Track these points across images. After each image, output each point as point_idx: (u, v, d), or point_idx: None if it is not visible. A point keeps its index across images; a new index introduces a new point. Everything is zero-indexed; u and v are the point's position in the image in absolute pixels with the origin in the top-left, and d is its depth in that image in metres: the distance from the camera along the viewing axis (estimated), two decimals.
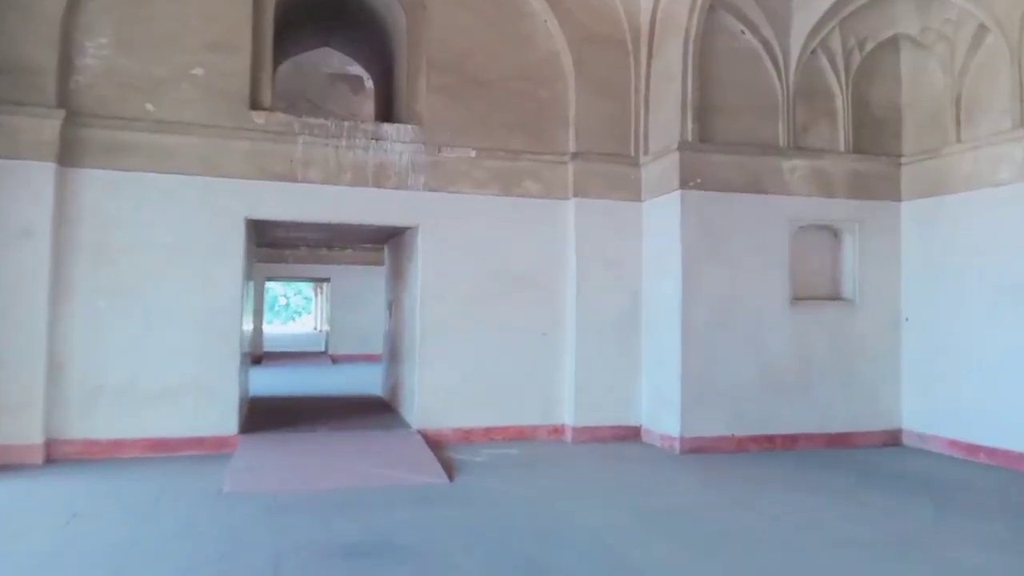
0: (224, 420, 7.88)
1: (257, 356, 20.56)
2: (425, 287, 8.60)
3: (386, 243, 11.18)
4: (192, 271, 7.84)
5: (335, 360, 21.34)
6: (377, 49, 10.24)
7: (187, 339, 7.78)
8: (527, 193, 8.95)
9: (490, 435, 8.69)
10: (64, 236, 7.45)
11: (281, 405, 10.69)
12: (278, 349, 23.98)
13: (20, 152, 7.15)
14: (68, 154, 7.44)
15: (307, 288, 48.90)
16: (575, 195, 8.94)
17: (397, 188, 8.52)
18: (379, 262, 22.30)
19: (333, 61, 13.10)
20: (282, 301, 56.37)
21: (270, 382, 14.93)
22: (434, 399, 8.57)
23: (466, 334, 8.70)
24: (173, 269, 7.78)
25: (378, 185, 8.46)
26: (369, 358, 21.51)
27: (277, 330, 42.73)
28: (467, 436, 8.60)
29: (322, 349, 24.30)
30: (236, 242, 8.01)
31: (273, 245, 21.11)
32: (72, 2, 7.45)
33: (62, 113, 7.24)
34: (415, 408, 8.55)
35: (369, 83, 12.69)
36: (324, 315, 28.04)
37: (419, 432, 8.41)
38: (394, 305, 10.53)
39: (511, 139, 8.91)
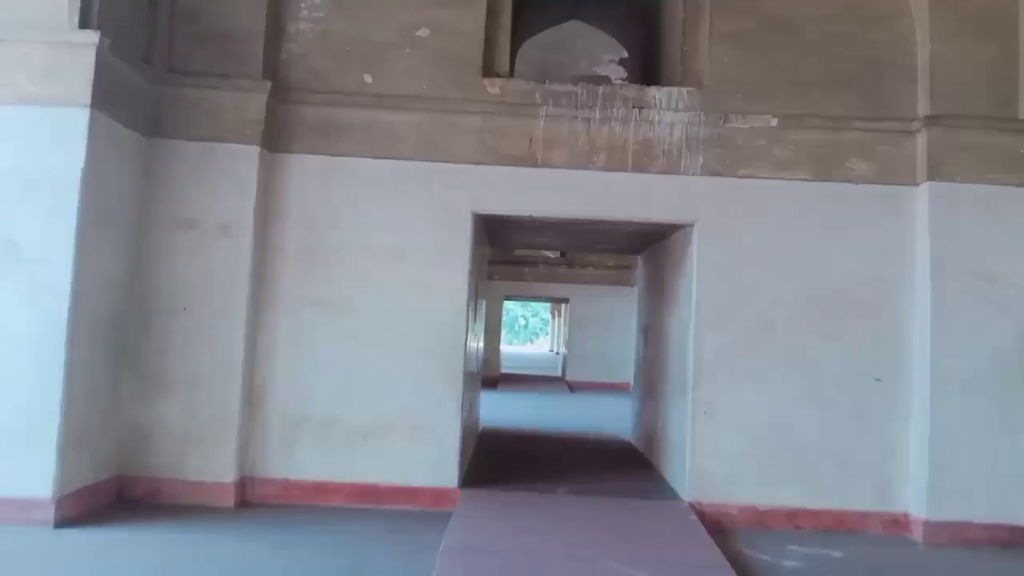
0: (441, 468, 6.17)
1: (493, 378, 19.48)
2: (702, 309, 6.27)
3: (641, 252, 9.01)
4: (409, 279, 6.27)
5: (572, 388, 19.59)
6: (637, 8, 8.18)
7: (400, 364, 6.21)
8: (853, 176, 6.28)
9: (796, 521, 6.07)
10: (268, 234, 6.25)
11: (514, 443, 8.92)
12: (515, 371, 22.84)
13: (222, 133, 6.05)
14: (275, 136, 6.25)
15: (544, 309, 48.58)
16: (929, 178, 6.09)
17: (666, 172, 6.33)
18: (623, 282, 20.40)
19: (580, 64, 11.35)
20: (521, 322, 56.89)
21: (504, 411, 13.40)
22: (714, 464, 6.17)
23: (760, 375, 6.21)
24: (387, 277, 6.28)
25: (640, 168, 6.34)
26: (609, 387, 19.57)
27: (515, 350, 42.71)
28: (762, 520, 6.07)
29: (559, 374, 22.77)
30: (461, 243, 6.32)
31: (509, 261, 20.18)
32: None
33: (268, 86, 6.04)
34: (686, 473, 6.21)
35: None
36: (562, 337, 26.61)
37: (692, 507, 6.05)
38: (651, 331, 8.30)
39: (829, 101, 6.32)
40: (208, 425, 5.94)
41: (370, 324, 6.23)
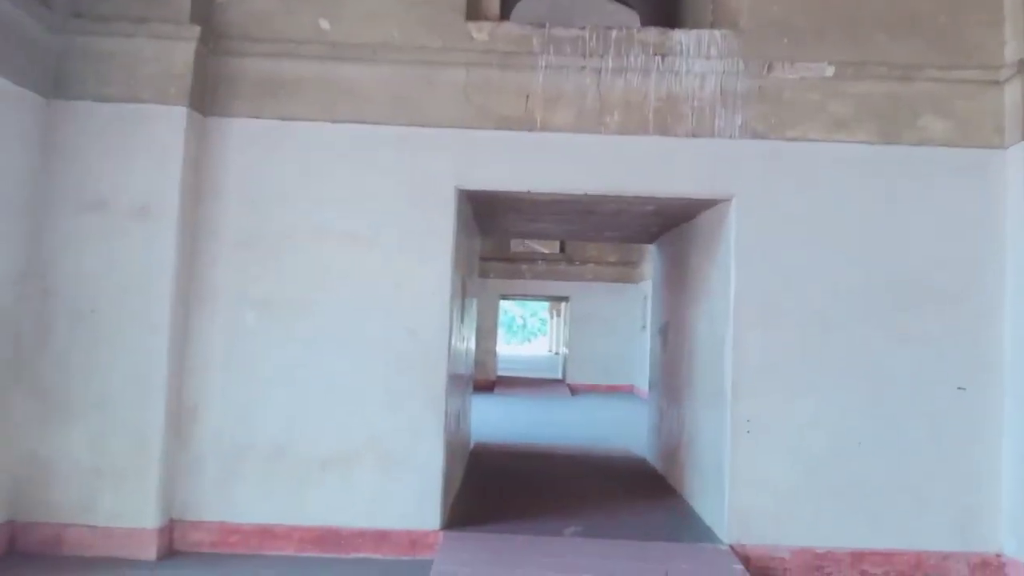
0: (420, 506, 4.95)
1: (489, 382, 18.30)
2: (742, 303, 5.05)
3: (657, 238, 7.78)
4: (378, 272, 5.05)
5: (574, 391, 18.38)
6: None
7: (369, 376, 4.99)
8: (926, 138, 5.07)
9: (862, 565, 4.86)
10: (199, 218, 5.03)
11: (511, 462, 7.67)
12: (512, 374, 21.62)
13: (139, 92, 4.82)
14: (207, 96, 5.03)
15: (543, 309, 47.42)
16: (1023, 138, 4.89)
17: (696, 135, 5.11)
18: (626, 279, 19.22)
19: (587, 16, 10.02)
20: (519, 322, 55.78)
21: (500, 419, 12.23)
22: (760, 496, 4.95)
23: (814, 385, 5.00)
24: (351, 269, 5.06)
25: (664, 131, 5.11)
26: (612, 390, 18.46)
27: (512, 351, 41.52)
28: (820, 565, 4.86)
29: (559, 376, 21.56)
30: (443, 226, 5.09)
31: (505, 259, 18.94)
32: None
33: (197, 32, 4.80)
34: (725, 507, 4.98)
35: None
36: (561, 338, 25.40)
37: (734, 551, 4.83)
38: (671, 331, 7.08)
39: (896, 46, 5.10)
40: (124, 456, 4.71)
41: (330, 328, 5.01)
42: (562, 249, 19.58)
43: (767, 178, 5.09)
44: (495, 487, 6.41)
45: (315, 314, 5.01)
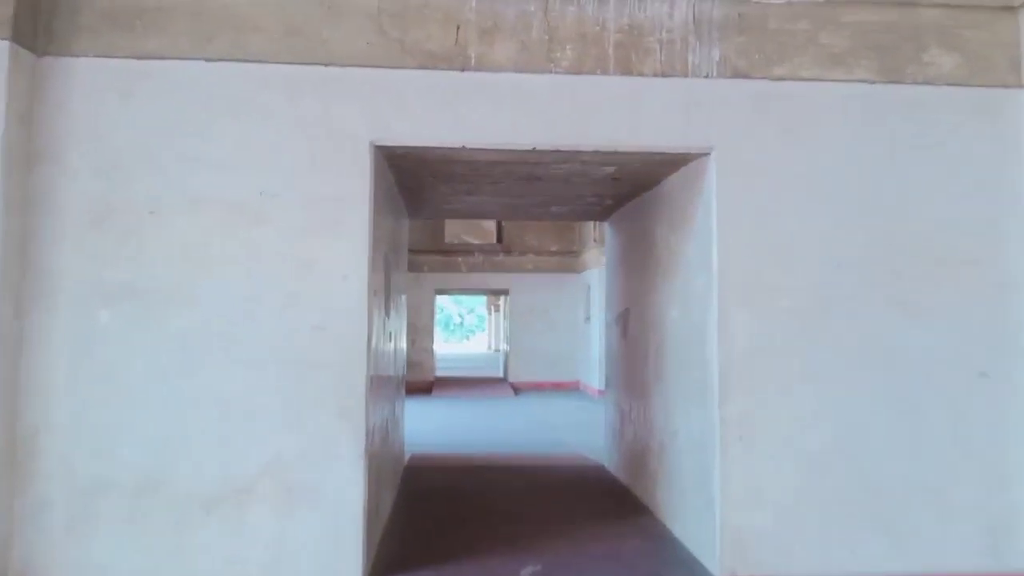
0: (335, 553, 3.87)
1: (426, 384, 17.23)
2: (726, 279, 4.14)
3: (612, 214, 6.86)
4: (274, 252, 3.95)
5: (517, 390, 17.46)
6: None
7: (265, 386, 3.89)
8: (933, 75, 4.27)
9: None
10: (33, 187, 3.83)
11: (452, 479, 6.63)
12: (451, 374, 20.57)
13: None
14: (40, 29, 3.83)
15: (480, 305, 46.45)
16: None
17: (666, 74, 4.18)
18: (567, 268, 18.38)
19: None
20: (456, 320, 54.73)
21: (439, 426, 11.20)
22: (757, 515, 4.05)
23: (815, 373, 4.15)
24: (238, 249, 3.94)
25: (626, 70, 4.16)
26: (557, 387, 17.65)
27: (451, 350, 40.44)
28: None
29: (500, 375, 20.60)
30: (357, 193, 4.01)
31: (440, 251, 17.86)
32: None
33: None
34: (716, 531, 4.06)
35: None
36: (502, 333, 24.44)
37: None
38: (631, 318, 6.17)
39: None
40: None
41: (212, 325, 3.89)
42: (499, 239, 18.65)
43: (751, 126, 4.20)
44: (434, 515, 5.36)
45: (192, 308, 3.88)
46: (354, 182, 4.01)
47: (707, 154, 4.24)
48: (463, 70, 4.07)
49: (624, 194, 5.76)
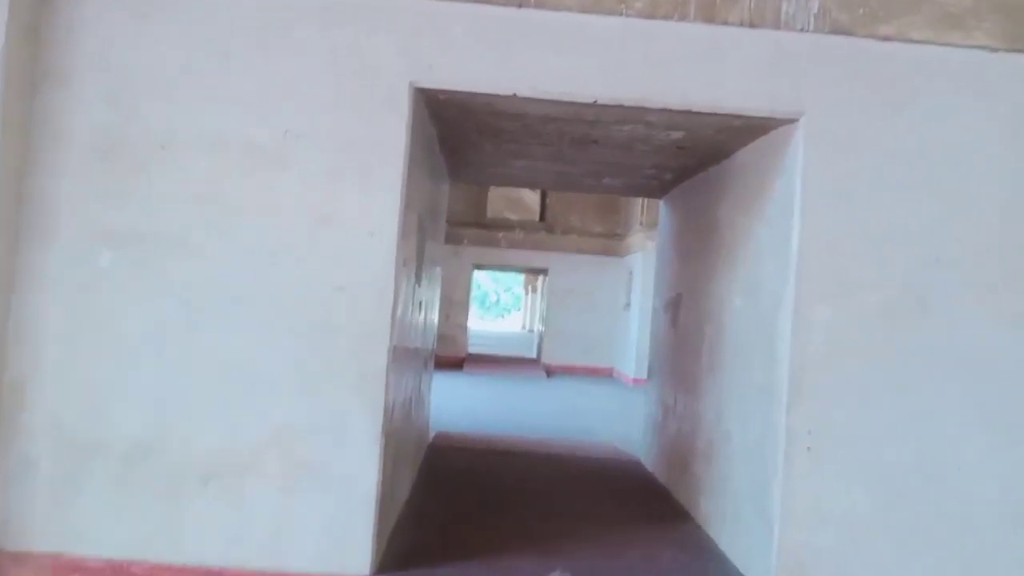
0: (343, 537, 3.47)
1: (458, 359, 16.87)
2: (807, 269, 3.59)
3: (668, 191, 6.30)
4: (294, 201, 3.52)
5: (549, 372, 17.00)
6: None
7: (274, 349, 3.48)
8: None
9: None
10: (36, 111, 3.45)
11: (478, 462, 6.22)
12: (483, 351, 20.23)
13: None
14: None
15: (517, 284, 46.05)
16: None
17: (752, 25, 3.62)
18: (610, 251, 17.76)
19: None
20: (492, 298, 54.50)
21: (469, 401, 10.83)
22: (822, 537, 3.53)
23: (903, 384, 3.59)
24: (255, 195, 3.51)
25: (709, 18, 3.61)
26: (591, 372, 17.15)
27: (485, 327, 40.19)
28: None
29: (534, 356, 20.19)
30: (391, 139, 3.55)
31: (480, 224, 17.40)
32: None
33: None
34: (772, 551, 3.56)
35: None
36: (538, 314, 23.98)
37: None
38: (683, 306, 5.63)
39: None
40: None
41: (221, 279, 3.49)
42: (542, 217, 18.13)
43: (848, 91, 3.62)
44: (455, 501, 4.95)
45: (200, 258, 3.48)
46: (389, 126, 3.55)
47: (794, 121, 3.67)
48: (520, 6, 3.56)
49: (687, 167, 5.21)
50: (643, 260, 15.04)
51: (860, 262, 3.59)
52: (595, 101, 3.64)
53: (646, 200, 14.99)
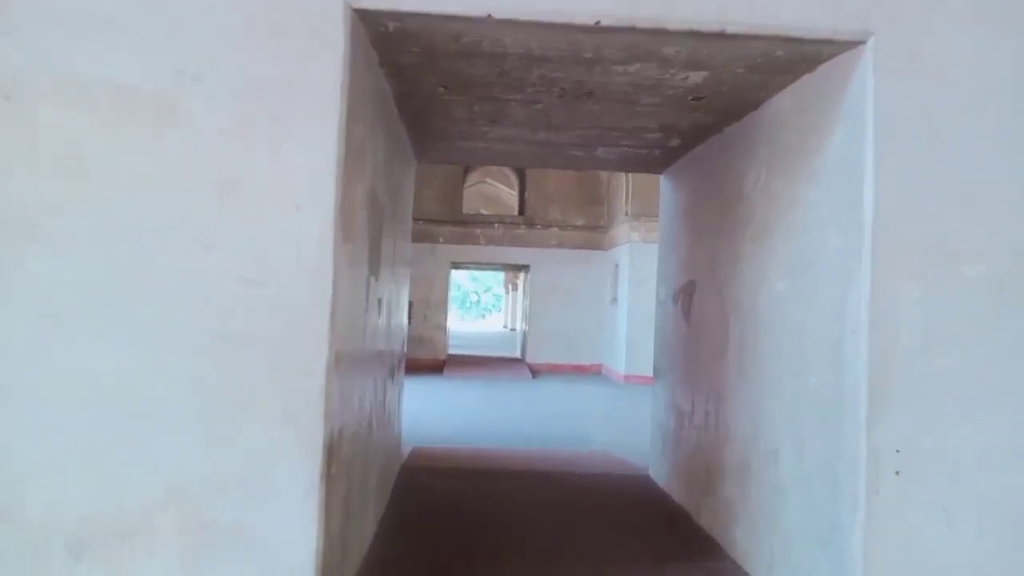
0: None
1: (437, 362, 15.96)
2: (887, 238, 2.69)
3: (671, 163, 5.39)
4: (185, 165, 2.54)
5: (535, 372, 16.13)
6: None
7: (161, 370, 2.50)
8: None
9: None
10: None
11: (461, 485, 5.29)
12: (465, 352, 19.31)
13: None
14: None
15: (497, 284, 45.20)
16: None
17: None
18: (594, 245, 16.90)
19: None
20: (472, 298, 53.64)
21: (450, 410, 9.92)
22: None
23: (1010, 382, 2.70)
24: (131, 159, 2.53)
25: None
26: (578, 370, 16.36)
27: (465, 327, 39.30)
28: None
29: (517, 355, 19.29)
30: (320, 82, 2.59)
31: (457, 222, 16.40)
32: None
33: None
34: None
35: None
36: (520, 312, 23.07)
37: None
38: (700, 294, 4.73)
39: None
40: None
41: (87, 274, 2.51)
42: (521, 211, 17.25)
43: (933, 3, 2.73)
44: (434, 548, 3.99)
45: (57, 247, 2.50)
46: (320, 63, 2.59)
47: (861, 43, 2.77)
48: None
49: (701, 127, 4.29)
50: (630, 252, 14.21)
51: (960, 228, 2.70)
52: (597, 23, 2.70)
53: (631, 189, 14.16)
